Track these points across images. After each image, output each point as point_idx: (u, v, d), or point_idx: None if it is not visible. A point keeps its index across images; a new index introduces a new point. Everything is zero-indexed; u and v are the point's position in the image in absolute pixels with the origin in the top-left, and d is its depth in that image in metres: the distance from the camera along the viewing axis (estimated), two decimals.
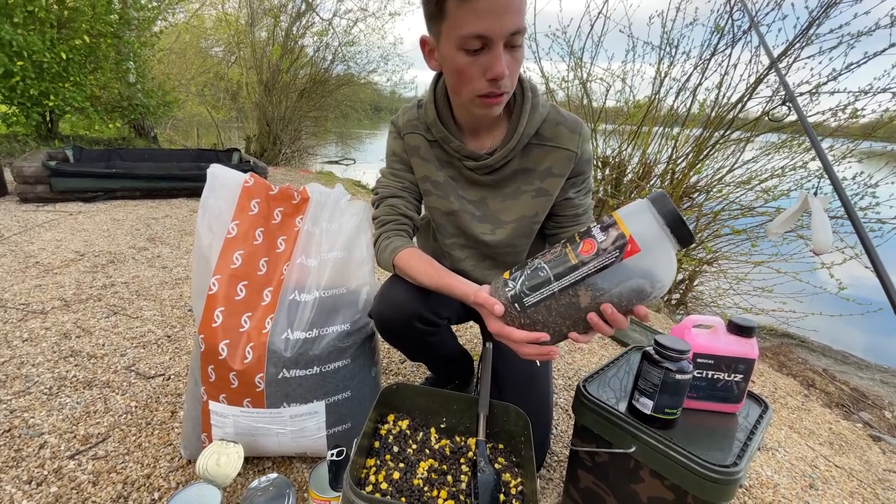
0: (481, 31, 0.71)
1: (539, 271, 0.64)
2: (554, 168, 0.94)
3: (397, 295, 0.94)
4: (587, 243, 0.61)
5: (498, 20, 0.71)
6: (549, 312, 0.64)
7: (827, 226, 1.06)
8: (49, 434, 1.09)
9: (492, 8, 0.70)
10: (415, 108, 0.99)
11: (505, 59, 0.75)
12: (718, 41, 2.66)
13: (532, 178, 0.95)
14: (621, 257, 0.59)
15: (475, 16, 0.70)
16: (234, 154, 4.04)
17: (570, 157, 0.93)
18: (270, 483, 0.87)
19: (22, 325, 1.53)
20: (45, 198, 3.01)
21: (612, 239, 0.60)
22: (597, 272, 0.60)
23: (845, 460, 1.52)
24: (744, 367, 0.86)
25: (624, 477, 0.87)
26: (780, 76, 1.39)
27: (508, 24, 0.71)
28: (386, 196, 1.01)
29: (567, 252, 0.63)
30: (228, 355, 0.91)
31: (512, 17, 0.71)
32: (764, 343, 2.93)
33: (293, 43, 6.75)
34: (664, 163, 2.97)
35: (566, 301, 0.62)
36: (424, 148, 0.98)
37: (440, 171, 0.98)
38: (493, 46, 0.73)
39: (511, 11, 0.71)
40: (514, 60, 0.77)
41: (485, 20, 0.71)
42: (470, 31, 0.72)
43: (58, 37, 4.05)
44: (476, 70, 0.76)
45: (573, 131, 0.92)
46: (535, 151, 0.93)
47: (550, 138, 0.92)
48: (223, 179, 0.99)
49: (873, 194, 2.53)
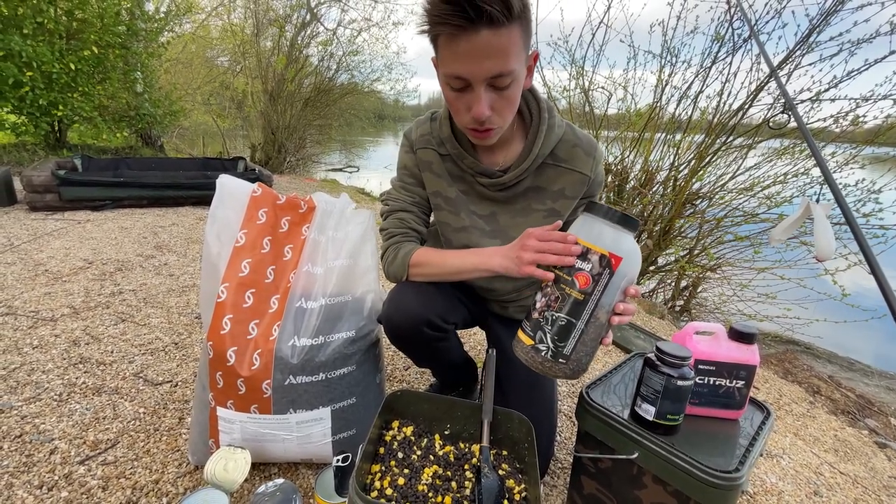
0: (460, 74, 0.73)
1: (559, 321, 0.71)
2: (567, 190, 0.95)
3: (407, 300, 0.95)
4: (581, 277, 0.68)
5: (477, 65, 0.72)
6: (585, 344, 0.72)
7: (829, 232, 1.06)
8: (59, 440, 1.10)
9: (471, 52, 0.70)
10: (428, 121, 1.00)
11: (489, 97, 0.76)
12: (719, 50, 2.68)
13: (544, 197, 0.96)
14: (613, 271, 0.67)
15: (455, 58, 0.72)
16: (240, 162, 4.09)
17: (584, 180, 0.94)
18: (277, 488, 0.88)
19: (32, 333, 1.55)
20: (54, 206, 3.05)
21: (596, 262, 0.68)
22: (602, 293, 0.68)
23: (850, 467, 1.51)
24: (745, 374, 0.87)
25: (627, 483, 0.87)
26: (779, 85, 1.40)
27: (488, 69, 0.72)
28: (396, 210, 1.03)
29: (569, 293, 0.69)
30: (236, 362, 0.92)
31: (494, 62, 0.71)
32: (769, 350, 2.92)
33: (298, 53, 6.84)
34: (666, 170, 2.99)
35: (592, 329, 0.71)
36: (437, 163, 0.99)
37: (451, 187, 1.00)
38: (474, 88, 0.75)
39: (493, 56, 0.71)
40: (501, 98, 0.78)
41: (464, 63, 0.72)
42: (451, 72, 0.74)
43: (67, 48, 4.13)
44: (461, 105, 0.79)
45: (588, 154, 0.94)
46: (548, 171, 0.94)
47: (565, 160, 0.94)
48: (232, 189, 1.01)
49: (876, 200, 2.53)
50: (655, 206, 3.00)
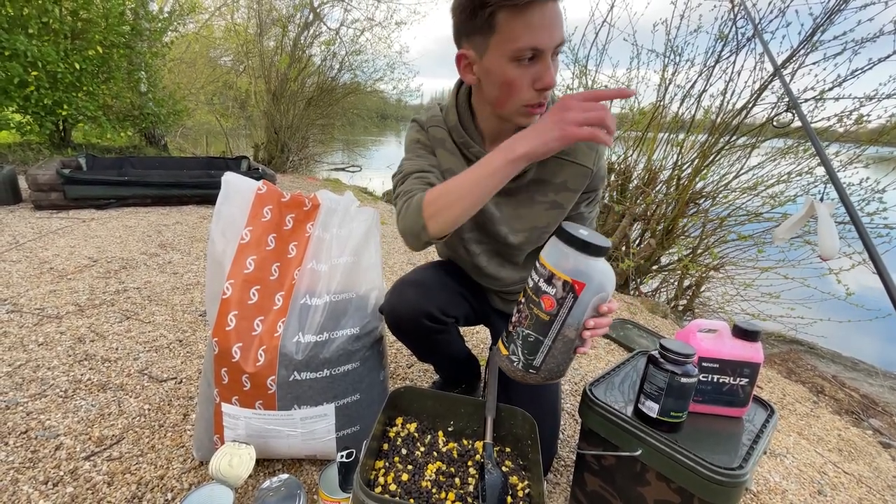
0: (535, 44, 0.74)
1: (528, 338, 0.74)
2: (569, 183, 0.95)
3: (408, 292, 0.98)
4: (546, 300, 0.70)
5: (549, 33, 0.74)
6: (555, 357, 0.75)
7: (833, 231, 1.06)
8: (65, 436, 1.11)
9: (543, 22, 0.73)
10: (437, 109, 1.01)
11: (553, 65, 0.79)
12: (722, 48, 2.68)
13: (546, 189, 0.97)
14: (577, 296, 0.69)
15: (529, 29, 0.73)
16: (243, 162, 4.10)
17: (586, 173, 0.94)
18: (282, 484, 0.88)
19: (37, 330, 1.56)
20: (59, 205, 3.06)
21: (560, 287, 0.69)
22: (568, 314, 0.70)
23: (854, 467, 1.51)
24: (749, 371, 0.87)
25: (630, 480, 0.87)
26: (783, 83, 1.40)
27: (558, 36, 0.76)
28: (412, 171, 0.94)
29: (537, 313, 0.72)
30: (241, 358, 0.93)
31: (559, 30, 0.76)
32: (772, 349, 2.91)
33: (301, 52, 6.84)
34: (669, 169, 2.98)
35: (561, 344, 0.73)
36: (448, 141, 0.98)
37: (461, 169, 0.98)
38: (544, 57, 0.77)
39: (558, 24, 0.75)
40: (555, 68, 0.80)
41: (538, 33, 0.74)
42: (524, 44, 0.74)
43: (71, 47, 4.14)
44: (526, 81, 0.79)
45: (591, 148, 0.94)
46: (551, 163, 0.94)
47: (568, 152, 0.93)
48: (237, 187, 1.02)
49: (880, 199, 2.52)
50: (658, 205, 3.00)
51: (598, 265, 0.69)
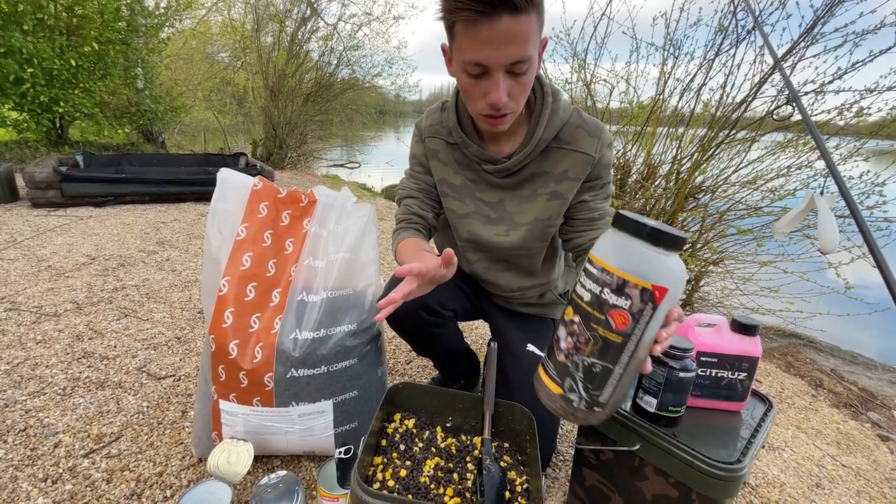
0: (480, 60, 0.73)
1: (593, 368, 0.58)
2: (570, 171, 0.94)
3: None
4: (618, 316, 0.55)
5: (497, 51, 0.71)
6: (623, 386, 0.59)
7: (833, 225, 1.06)
8: (63, 433, 1.11)
9: (492, 38, 0.70)
10: (438, 111, 1.02)
11: (507, 84, 0.76)
12: (722, 41, 2.66)
13: (548, 180, 0.96)
14: (657, 305, 0.54)
15: (476, 44, 0.71)
16: (241, 158, 4.08)
17: (588, 160, 0.93)
18: (280, 480, 0.88)
19: (35, 328, 1.56)
20: (57, 203, 3.05)
21: (637, 297, 0.54)
22: (645, 330, 0.56)
23: (853, 460, 1.51)
24: (747, 366, 0.87)
25: (629, 474, 0.87)
26: (783, 76, 1.39)
27: (508, 55, 0.72)
28: (403, 197, 1.08)
29: (604, 335, 0.56)
30: (238, 355, 0.93)
31: (514, 48, 0.72)
32: (771, 343, 2.92)
33: (298, 48, 6.81)
34: (669, 163, 2.97)
35: (633, 368, 0.59)
36: (444, 151, 1.01)
37: (457, 175, 1.01)
38: (493, 74, 0.75)
39: (513, 42, 0.71)
40: (518, 84, 0.78)
41: (484, 50, 0.72)
42: (470, 58, 0.74)
43: (67, 44, 4.11)
44: (477, 92, 0.79)
45: (592, 135, 0.92)
46: (553, 154, 0.94)
47: (569, 142, 0.93)
48: (233, 183, 1.01)
49: (880, 192, 2.51)
50: (658, 199, 2.99)
51: (676, 263, 0.55)
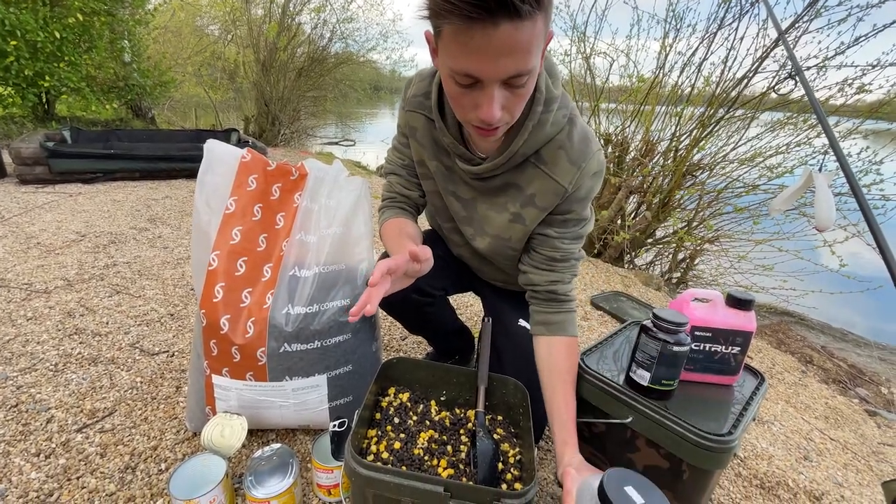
0: (471, 72, 0.61)
1: None
2: (538, 197, 0.84)
3: None
4: None
5: (494, 62, 0.59)
6: None
7: (831, 202, 1.05)
8: (56, 409, 1.11)
9: (487, 48, 0.57)
10: (429, 77, 0.88)
11: (502, 95, 0.64)
12: (725, 14, 2.60)
13: (517, 197, 0.86)
14: None
15: (468, 54, 0.59)
16: (233, 134, 4.00)
17: (559, 191, 0.82)
18: (274, 453, 0.89)
19: (26, 305, 1.54)
20: (45, 179, 2.99)
21: None
22: None
23: (840, 433, 1.54)
24: (741, 340, 0.87)
25: (621, 447, 0.88)
26: (787, 48, 1.35)
27: (505, 69, 0.60)
28: (388, 172, 1.04)
29: None
30: (230, 330, 0.92)
31: (513, 61, 0.59)
32: (764, 321, 2.95)
33: (290, 20, 6.61)
34: (668, 140, 2.94)
35: None
36: (423, 130, 0.91)
37: (434, 160, 0.93)
38: (486, 88, 0.62)
39: (513, 53, 0.58)
40: (515, 97, 0.65)
41: (477, 61, 0.59)
42: (459, 68, 0.61)
43: (51, 15, 3.96)
44: (467, 102, 0.66)
45: (573, 162, 0.80)
46: (528, 171, 0.83)
47: (547, 162, 0.82)
48: (220, 155, 0.98)
49: (877, 171, 2.50)
50: (655, 177, 2.96)
51: None
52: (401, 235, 0.89)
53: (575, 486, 0.68)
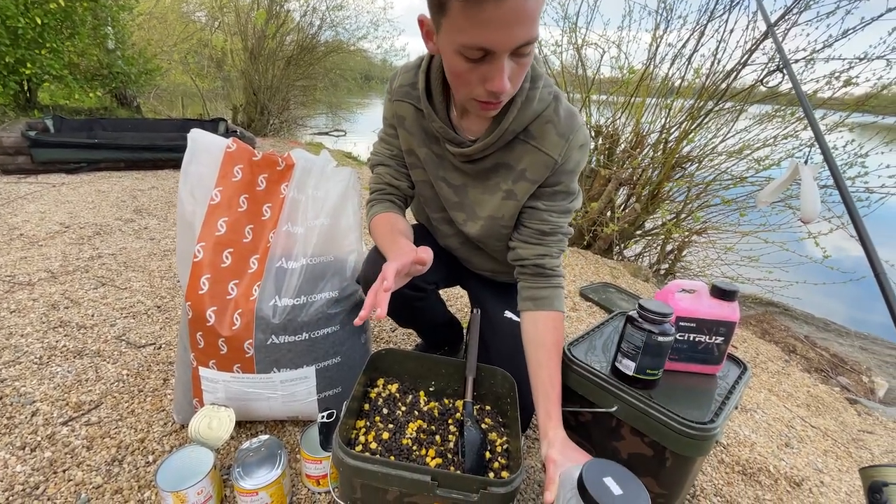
0: (484, 44, 0.62)
1: None
2: (528, 171, 0.86)
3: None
4: None
5: (505, 32, 0.60)
6: None
7: (816, 194, 1.06)
8: (41, 402, 1.09)
9: (500, 18, 0.59)
10: (414, 69, 0.91)
11: (509, 67, 0.66)
12: (715, 5, 2.60)
13: (509, 176, 0.88)
14: None
15: (479, 26, 0.60)
16: (221, 124, 3.94)
17: (549, 163, 0.84)
18: (262, 444, 0.89)
19: (9, 297, 1.52)
20: (27, 169, 2.93)
21: None
22: None
23: (821, 421, 1.58)
24: (725, 330, 0.88)
25: (606, 435, 0.90)
26: (775, 41, 1.36)
27: (517, 37, 0.61)
28: (375, 164, 1.02)
29: None
30: (216, 322, 0.91)
31: (523, 29, 0.61)
32: (748, 311, 2.99)
33: (279, 7, 6.48)
34: (658, 132, 2.95)
35: None
36: (411, 119, 0.92)
37: (423, 147, 0.93)
38: (496, 59, 0.64)
39: (523, 22, 0.60)
40: (519, 67, 0.67)
41: (490, 32, 0.60)
42: (471, 42, 0.62)
43: (31, 0, 3.86)
44: (475, 77, 0.67)
45: (561, 135, 0.82)
46: (518, 148, 0.85)
47: (536, 137, 0.84)
48: (205, 144, 0.97)
49: (862, 164, 2.54)
50: (645, 169, 2.98)
51: None
52: (393, 233, 0.88)
53: (557, 474, 0.69)
